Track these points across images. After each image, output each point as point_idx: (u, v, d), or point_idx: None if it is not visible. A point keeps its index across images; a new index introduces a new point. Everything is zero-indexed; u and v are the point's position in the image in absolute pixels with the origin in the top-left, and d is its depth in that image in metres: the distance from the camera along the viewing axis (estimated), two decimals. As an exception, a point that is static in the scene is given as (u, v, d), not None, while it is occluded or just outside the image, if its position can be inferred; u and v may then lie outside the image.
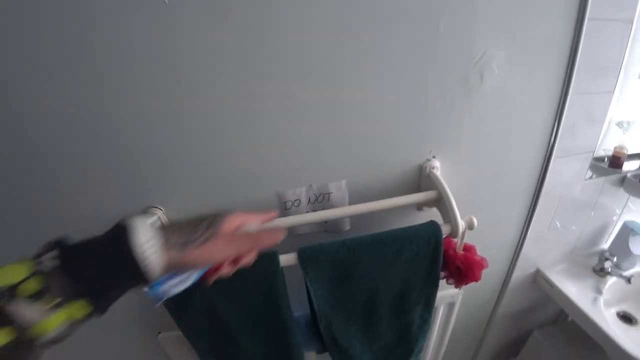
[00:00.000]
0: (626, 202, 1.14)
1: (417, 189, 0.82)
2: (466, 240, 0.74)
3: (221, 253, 0.40)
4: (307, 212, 0.78)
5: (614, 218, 1.18)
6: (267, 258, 0.66)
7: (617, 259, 1.15)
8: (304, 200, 0.77)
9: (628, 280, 1.11)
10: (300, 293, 0.76)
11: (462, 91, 0.74)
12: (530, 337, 1.38)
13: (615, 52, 0.81)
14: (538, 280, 1.20)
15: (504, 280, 1.17)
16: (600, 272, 1.16)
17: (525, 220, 1.01)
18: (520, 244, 1.06)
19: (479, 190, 0.89)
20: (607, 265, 1.14)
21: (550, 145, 0.88)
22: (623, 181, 1.06)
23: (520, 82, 0.77)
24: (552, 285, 1.14)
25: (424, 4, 0.63)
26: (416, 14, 0.63)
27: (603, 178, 1.05)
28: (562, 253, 1.18)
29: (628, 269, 1.16)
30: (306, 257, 0.67)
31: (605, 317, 1.04)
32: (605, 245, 1.23)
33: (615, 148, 1.06)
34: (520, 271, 1.15)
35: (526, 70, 0.76)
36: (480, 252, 0.76)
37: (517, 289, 1.20)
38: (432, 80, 0.71)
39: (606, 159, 1.06)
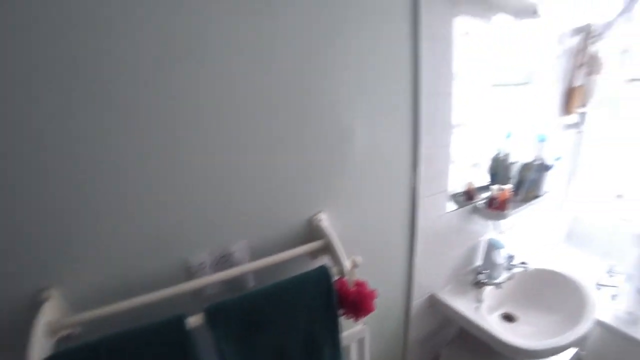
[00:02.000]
0: (486, 224, 1.43)
1: (310, 239, 0.94)
2: (365, 278, 0.87)
3: None
4: (212, 273, 0.83)
5: (480, 239, 1.45)
6: (175, 324, 0.68)
7: (488, 271, 1.41)
8: (208, 262, 0.83)
9: (499, 286, 1.37)
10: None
11: (337, 154, 0.92)
12: (441, 356, 1.53)
13: (445, 114, 1.11)
14: (434, 303, 1.38)
15: (406, 309, 1.32)
16: (478, 285, 1.39)
17: (409, 253, 1.20)
18: (410, 274, 1.24)
19: (365, 233, 1.06)
20: (481, 277, 1.39)
21: (414, 189, 1.11)
22: (476, 209, 1.35)
23: (385, 142, 1.00)
24: (444, 305, 1.34)
25: (300, 91, 0.81)
26: (291, 100, 0.81)
27: (463, 209, 1.33)
28: (447, 275, 1.40)
29: (498, 277, 1.42)
30: (213, 314, 0.71)
31: (489, 320, 1.25)
32: (479, 261, 1.49)
33: (467, 184, 1.36)
34: (418, 298, 1.32)
35: (385, 132, 0.99)
36: (378, 285, 0.88)
37: (420, 315, 1.37)
38: (311, 149, 0.88)
39: (463, 194, 1.35)
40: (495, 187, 1.32)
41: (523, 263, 1.46)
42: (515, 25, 1.32)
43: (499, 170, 1.45)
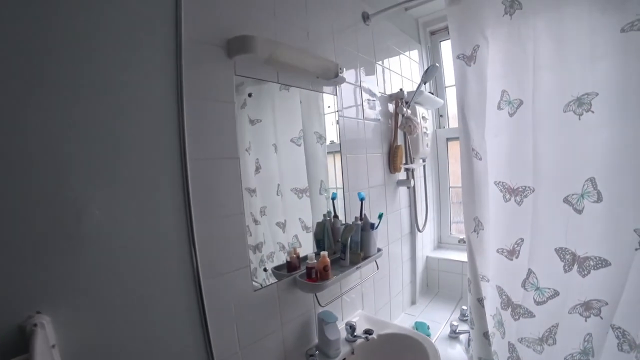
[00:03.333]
0: (313, 298, 1.29)
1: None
2: None
3: None
4: None
5: (310, 314, 1.31)
6: None
7: (323, 349, 1.24)
8: None
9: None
10: None
11: (61, 236, 0.69)
12: None
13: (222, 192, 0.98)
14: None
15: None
16: (313, 370, 1.21)
17: (207, 348, 0.97)
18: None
19: (122, 336, 0.80)
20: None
21: (196, 272, 0.92)
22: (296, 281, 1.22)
23: (142, 218, 0.81)
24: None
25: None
26: None
27: (282, 281, 1.18)
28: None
29: (336, 355, 1.26)
30: None
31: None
32: (317, 339, 1.33)
33: (290, 253, 1.23)
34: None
35: (141, 206, 0.80)
36: None
37: None
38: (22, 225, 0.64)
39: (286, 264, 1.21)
40: (314, 255, 1.22)
41: (367, 332, 1.35)
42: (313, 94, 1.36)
43: (325, 235, 1.38)
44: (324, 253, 1.22)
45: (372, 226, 1.39)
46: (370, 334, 1.36)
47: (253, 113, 1.14)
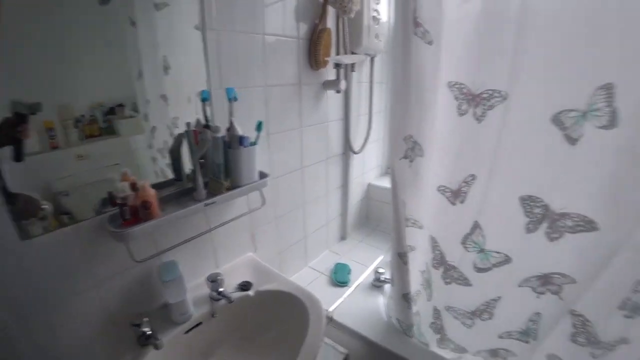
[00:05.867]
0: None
1: None
2: None
3: None
4: None
5: (147, 266, 0.88)
6: None
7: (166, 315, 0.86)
8: None
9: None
10: None
11: None
12: None
13: None
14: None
15: None
16: (143, 343, 0.83)
17: None
18: None
19: None
20: (145, 329, 0.82)
21: None
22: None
23: None
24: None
25: None
26: None
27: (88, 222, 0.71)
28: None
29: (182, 321, 0.88)
30: None
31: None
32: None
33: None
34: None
35: None
36: None
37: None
38: None
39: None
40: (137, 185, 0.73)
41: (243, 287, 0.97)
42: None
43: (180, 155, 0.88)
44: (144, 182, 0.73)
45: (242, 141, 0.88)
46: (247, 289, 0.98)
47: None
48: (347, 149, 1.53)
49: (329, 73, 1.32)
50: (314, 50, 1.17)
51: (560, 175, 0.76)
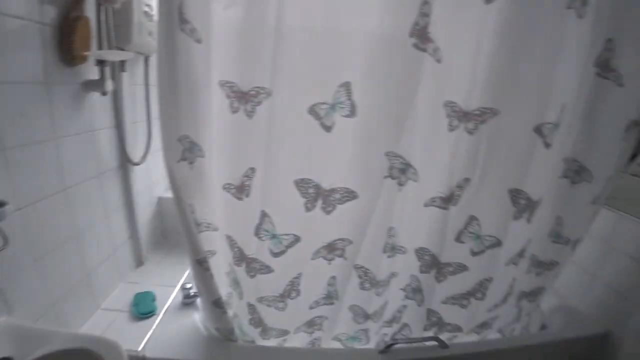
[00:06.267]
0: None
1: None
2: None
3: None
4: None
5: None
6: None
7: None
8: None
9: None
10: None
11: None
12: None
13: None
14: None
15: None
16: None
17: None
18: None
19: None
20: None
21: None
22: None
23: None
24: None
25: None
26: None
27: None
28: None
29: None
30: None
31: None
32: None
33: None
34: None
35: None
36: None
37: None
38: None
39: None
40: None
41: None
42: None
43: None
44: None
45: None
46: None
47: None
48: (125, 161, 1.27)
49: (91, 72, 1.03)
50: (67, 41, 0.88)
51: (324, 158, 0.87)
